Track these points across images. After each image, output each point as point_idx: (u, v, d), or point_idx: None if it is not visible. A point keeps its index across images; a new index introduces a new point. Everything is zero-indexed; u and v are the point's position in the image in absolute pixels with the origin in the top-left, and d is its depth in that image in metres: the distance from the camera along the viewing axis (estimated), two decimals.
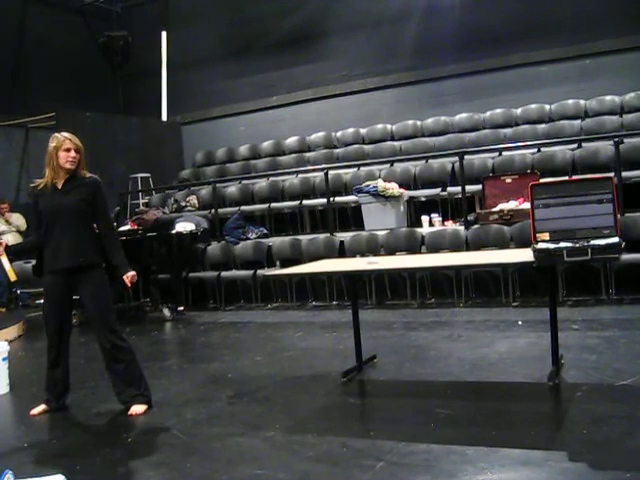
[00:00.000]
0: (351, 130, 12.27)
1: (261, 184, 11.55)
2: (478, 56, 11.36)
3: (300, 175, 11.31)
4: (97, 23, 14.97)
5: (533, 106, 10.83)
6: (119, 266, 4.96)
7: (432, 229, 8.90)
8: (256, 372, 5.83)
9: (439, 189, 9.70)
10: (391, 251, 8.72)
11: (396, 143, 11.54)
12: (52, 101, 12.17)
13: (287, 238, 9.89)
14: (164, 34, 14.20)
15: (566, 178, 8.06)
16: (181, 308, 9.48)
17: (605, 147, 8.98)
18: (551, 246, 4.32)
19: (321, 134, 12.51)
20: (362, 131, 12.18)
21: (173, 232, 9.73)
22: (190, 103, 14.14)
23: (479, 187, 8.93)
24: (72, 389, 5.17)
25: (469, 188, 8.96)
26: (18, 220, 11.85)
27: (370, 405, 4.92)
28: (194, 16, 14.04)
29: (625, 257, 6.80)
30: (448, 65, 11.63)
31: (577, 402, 4.28)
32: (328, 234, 9.56)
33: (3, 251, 4.94)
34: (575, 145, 9.47)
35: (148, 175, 12.67)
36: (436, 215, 9.19)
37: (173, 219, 10.38)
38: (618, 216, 4.50)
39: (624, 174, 8.07)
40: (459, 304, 8.14)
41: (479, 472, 3.30)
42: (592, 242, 4.24)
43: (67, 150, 4.77)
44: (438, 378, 5.15)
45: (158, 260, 9.54)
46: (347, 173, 10.76)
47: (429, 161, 10.39)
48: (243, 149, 13.29)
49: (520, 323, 6.78)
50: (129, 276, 4.95)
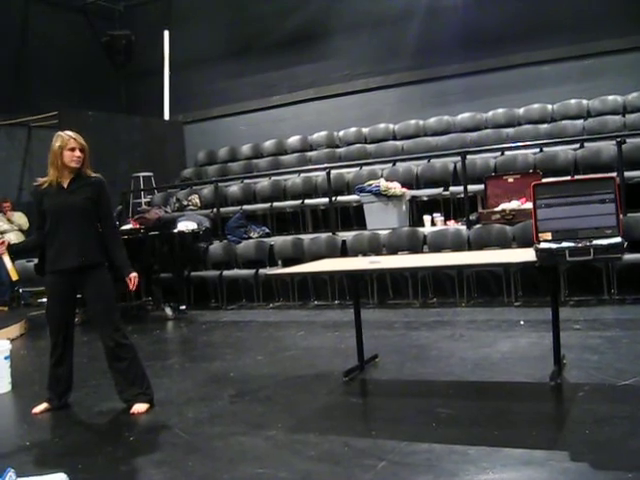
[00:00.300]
0: (353, 129, 12.26)
1: (263, 183, 11.54)
2: (480, 56, 11.35)
3: (302, 174, 11.31)
4: (100, 22, 14.96)
5: (535, 106, 10.83)
6: (121, 267, 4.97)
7: (434, 229, 8.90)
8: (258, 371, 5.83)
9: (441, 189, 9.71)
10: (393, 251, 8.72)
11: (398, 143, 11.53)
12: (54, 100, 12.16)
13: (289, 237, 9.89)
14: (167, 33, 14.20)
15: (568, 178, 8.05)
16: (183, 307, 9.48)
17: (607, 147, 8.97)
18: (553, 246, 4.32)
19: (323, 133, 12.51)
20: (364, 130, 12.16)
21: (175, 231, 9.74)
22: (192, 102, 14.13)
23: (481, 187, 8.93)
24: (74, 387, 5.17)
25: (471, 188, 8.97)
26: (20, 219, 11.86)
27: (372, 404, 4.92)
28: (197, 15, 14.04)
29: (627, 257, 6.80)
30: (450, 65, 11.62)
31: (579, 402, 4.28)
32: (330, 233, 9.56)
33: (5, 250, 4.93)
34: (577, 145, 9.46)
35: (150, 174, 12.67)
36: (438, 215, 9.18)
37: (175, 218, 10.40)
38: (620, 216, 4.51)
39: (626, 174, 8.06)
40: (461, 304, 8.14)
41: (481, 472, 3.30)
42: (594, 242, 4.23)
43: (72, 150, 4.76)
44: (440, 378, 5.15)
45: (160, 259, 9.54)
46: (349, 172, 10.75)
47: (431, 161, 10.38)
48: (245, 148, 13.29)
49: (522, 323, 6.77)
50: (132, 278, 4.95)
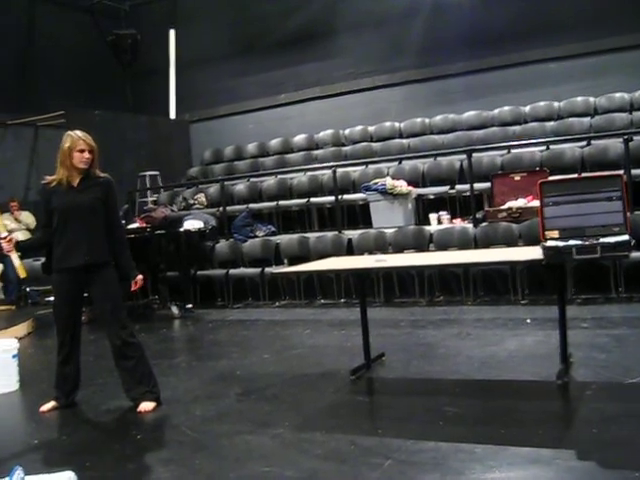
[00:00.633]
0: (359, 128, 12.24)
1: (269, 182, 11.55)
2: (486, 53, 11.33)
3: (308, 173, 11.30)
4: (106, 22, 14.97)
5: (542, 103, 10.79)
6: (125, 267, 4.99)
7: (440, 227, 8.89)
8: (264, 370, 5.84)
9: (447, 187, 9.69)
10: (399, 249, 8.71)
11: (404, 141, 11.51)
12: (61, 99, 12.17)
13: (295, 236, 9.89)
14: (172, 32, 14.22)
15: (575, 176, 8.03)
16: (189, 306, 9.50)
17: (614, 144, 8.93)
18: (560, 244, 4.31)
19: (329, 132, 12.49)
20: (370, 129, 12.14)
21: (181, 230, 9.76)
22: (198, 101, 14.14)
23: (488, 185, 8.92)
24: (81, 386, 5.19)
25: (477, 186, 8.94)
26: (27, 218, 11.88)
27: (378, 403, 4.92)
28: (202, 14, 14.05)
29: (634, 255, 6.73)
30: (456, 63, 11.59)
31: (586, 401, 4.27)
32: (336, 232, 9.56)
33: (13, 248, 4.95)
34: (584, 143, 9.42)
35: (157, 173, 12.69)
36: (444, 213, 9.17)
37: (181, 217, 10.42)
38: (628, 214, 4.49)
39: (633, 172, 8.03)
40: (467, 302, 8.13)
41: (487, 470, 3.30)
42: (601, 240, 4.23)
43: (81, 151, 4.78)
44: (446, 376, 5.15)
45: (166, 258, 9.55)
46: (355, 171, 10.74)
47: (437, 159, 10.35)
48: (251, 147, 13.29)
49: (529, 321, 6.76)
50: (137, 280, 4.99)
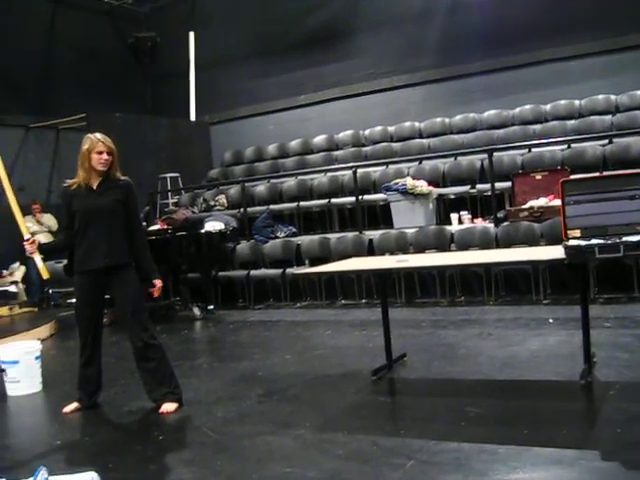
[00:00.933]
0: (379, 128, 12.21)
1: (290, 183, 11.57)
2: (506, 52, 11.24)
3: (328, 173, 11.30)
4: (126, 25, 15.10)
5: (562, 102, 10.71)
6: (146, 270, 5.01)
7: (461, 227, 8.85)
8: (286, 370, 5.84)
9: (468, 186, 9.66)
10: (420, 249, 8.69)
11: (424, 141, 11.48)
12: (82, 102, 12.25)
13: (316, 237, 9.90)
14: (192, 35, 14.26)
15: (597, 174, 7.97)
16: (211, 307, 9.53)
17: (637, 142, 8.85)
18: (582, 243, 4.28)
19: (349, 132, 12.48)
20: (390, 129, 12.11)
21: (202, 231, 9.80)
22: (218, 103, 14.17)
23: (508, 184, 8.87)
24: (103, 387, 5.22)
25: (498, 185, 8.90)
26: (49, 221, 12.01)
27: (400, 403, 4.91)
28: (221, 16, 14.07)
29: None
30: (476, 62, 11.51)
31: (610, 401, 4.23)
32: (357, 232, 9.55)
33: (36, 250, 4.99)
34: (606, 141, 9.34)
35: (177, 175, 12.73)
36: (465, 213, 9.13)
37: (202, 218, 10.47)
38: None
39: None
40: (489, 302, 8.09)
41: (510, 471, 3.28)
42: (624, 239, 4.19)
43: (100, 152, 4.80)
44: (468, 376, 5.13)
45: (188, 259, 9.61)
46: (376, 171, 10.73)
47: (458, 158, 10.32)
48: (271, 148, 13.31)
49: (551, 321, 6.71)
50: (156, 284, 5.00)
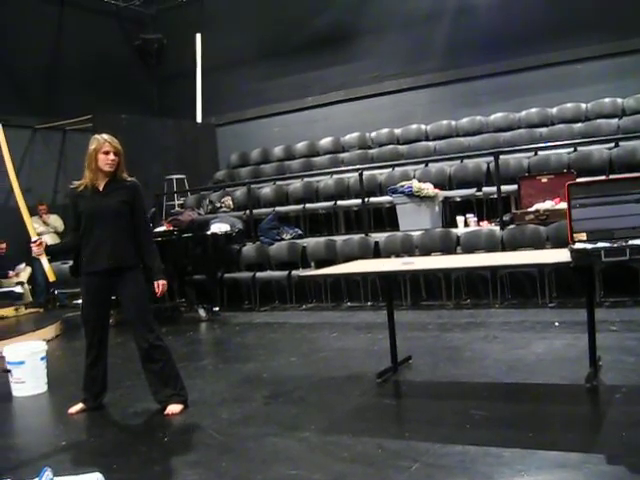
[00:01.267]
0: (385, 130, 12.21)
1: (295, 185, 11.57)
2: (512, 55, 11.23)
3: (334, 176, 11.31)
4: (132, 26, 15.15)
5: (569, 105, 10.68)
6: (153, 270, 4.99)
7: (467, 229, 8.85)
8: (291, 372, 5.85)
9: (474, 189, 9.65)
10: (426, 252, 8.68)
11: (430, 143, 11.47)
12: (88, 104, 12.29)
13: (322, 239, 9.90)
14: (198, 36, 14.29)
15: (603, 177, 7.96)
16: (216, 309, 9.54)
17: None
18: (588, 246, 4.27)
19: (355, 135, 12.49)
20: (396, 131, 12.11)
21: (208, 233, 9.80)
22: (224, 105, 14.20)
23: (515, 187, 8.86)
24: (109, 388, 5.23)
25: (504, 188, 8.90)
26: (56, 221, 12.05)
27: (405, 406, 4.91)
28: (228, 18, 14.11)
29: None
30: (482, 64, 11.51)
31: (615, 404, 4.23)
32: (363, 235, 9.55)
33: (43, 251, 5.00)
34: (612, 144, 9.33)
35: (183, 176, 12.75)
36: (471, 215, 9.12)
37: (208, 220, 10.49)
38: None
39: None
40: (495, 305, 8.08)
41: (515, 474, 3.28)
42: (630, 242, 4.18)
43: (106, 153, 4.80)
44: (473, 379, 5.12)
45: (193, 261, 9.62)
46: (381, 173, 10.73)
47: (464, 161, 10.32)
48: (277, 150, 13.32)
49: (557, 324, 6.70)
50: (160, 284, 4.97)
